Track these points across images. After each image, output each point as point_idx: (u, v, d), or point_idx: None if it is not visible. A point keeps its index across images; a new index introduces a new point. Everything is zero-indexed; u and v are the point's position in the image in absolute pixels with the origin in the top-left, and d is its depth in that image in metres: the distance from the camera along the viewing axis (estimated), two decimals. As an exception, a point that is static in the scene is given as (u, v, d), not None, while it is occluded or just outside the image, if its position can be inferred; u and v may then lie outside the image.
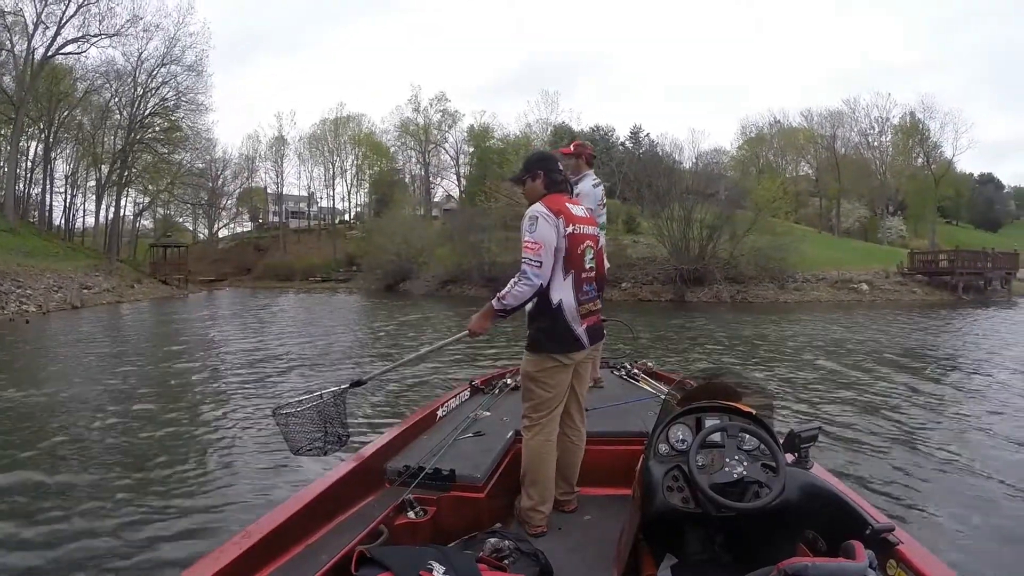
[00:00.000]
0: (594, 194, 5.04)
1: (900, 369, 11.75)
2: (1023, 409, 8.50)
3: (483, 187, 46.23)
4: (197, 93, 48.16)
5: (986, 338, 17.18)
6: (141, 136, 47.31)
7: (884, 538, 1.93)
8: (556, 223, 3.01)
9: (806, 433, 2.23)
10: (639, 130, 60.74)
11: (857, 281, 36.17)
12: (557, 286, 3.05)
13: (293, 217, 75.59)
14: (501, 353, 12.51)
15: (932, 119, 63.00)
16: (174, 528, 4.62)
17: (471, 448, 3.43)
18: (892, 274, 37.83)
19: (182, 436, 7.18)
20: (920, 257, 40.56)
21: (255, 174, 73.11)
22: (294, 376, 10.90)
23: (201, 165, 56.77)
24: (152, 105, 47.30)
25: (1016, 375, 11.13)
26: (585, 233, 3.17)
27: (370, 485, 2.96)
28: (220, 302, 35.63)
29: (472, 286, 40.16)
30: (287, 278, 59.21)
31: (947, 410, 8.49)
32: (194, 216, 68.89)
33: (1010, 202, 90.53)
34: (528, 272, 2.96)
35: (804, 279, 35.91)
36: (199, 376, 10.94)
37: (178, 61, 46.43)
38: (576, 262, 3.10)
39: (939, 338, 17.09)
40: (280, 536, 2.22)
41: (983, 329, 19.83)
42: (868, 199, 65.82)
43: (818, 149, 67.92)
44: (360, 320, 24.45)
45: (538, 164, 3.24)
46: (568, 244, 3.05)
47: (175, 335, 18.20)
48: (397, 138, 71.15)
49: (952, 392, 9.72)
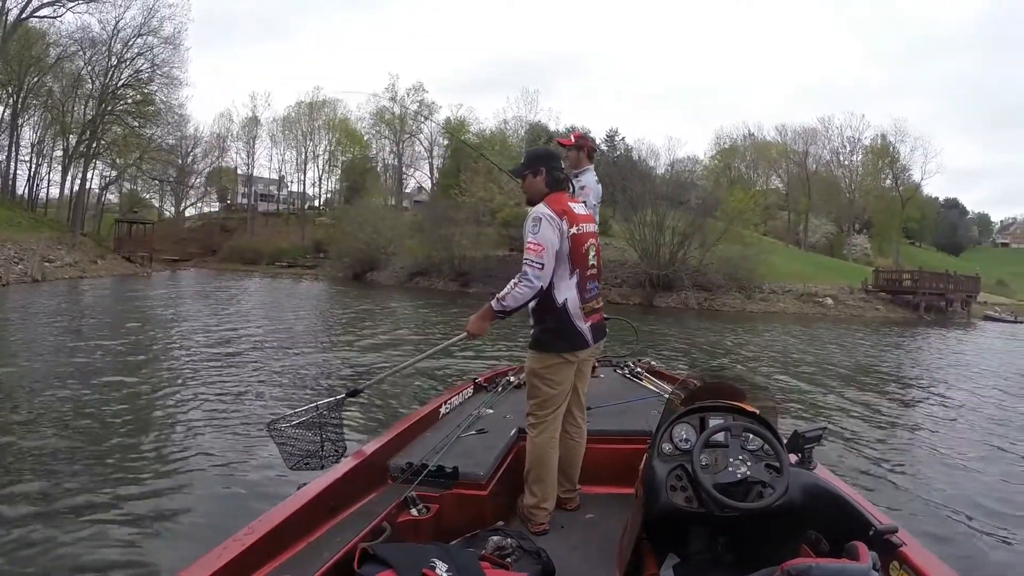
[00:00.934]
0: (597, 190, 4.96)
1: (888, 382, 12.08)
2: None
3: (458, 181, 45.91)
4: (172, 67, 46.88)
5: (957, 356, 17.84)
6: (112, 107, 45.89)
7: (887, 539, 1.92)
8: (559, 225, 3.00)
9: (810, 434, 2.25)
10: (615, 133, 60.72)
11: (822, 295, 36.72)
12: (562, 285, 3.05)
13: (262, 200, 74.62)
14: (503, 351, 12.42)
15: (903, 142, 65.25)
16: (119, 516, 4.47)
17: (474, 446, 3.40)
18: (856, 290, 38.53)
19: (133, 419, 6.97)
20: (884, 275, 41.43)
21: (226, 153, 71.94)
22: (251, 362, 10.67)
23: (172, 141, 55.62)
24: (126, 76, 45.97)
25: (993, 391, 11.61)
26: (588, 232, 3.17)
27: (373, 482, 2.94)
28: (184, 283, 34.86)
29: (441, 279, 39.99)
30: (253, 261, 58.36)
31: (940, 421, 8.85)
32: (161, 193, 67.46)
33: (973, 228, 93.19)
34: (529, 274, 2.95)
35: (771, 290, 36.34)
36: (157, 357, 10.71)
37: (155, 32, 45.06)
38: (580, 261, 3.10)
39: (908, 354, 17.75)
40: (283, 533, 2.20)
41: (951, 348, 20.55)
42: (835, 216, 67.21)
43: (790, 164, 69.09)
44: (325, 308, 24.14)
45: (541, 160, 3.20)
46: (572, 244, 3.04)
47: (137, 314, 17.75)
48: (372, 126, 70.71)
49: (930, 408, 10.04)
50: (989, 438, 8.04)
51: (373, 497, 2.81)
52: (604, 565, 2.69)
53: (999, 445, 7.67)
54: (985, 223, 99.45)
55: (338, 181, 73.53)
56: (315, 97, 70.20)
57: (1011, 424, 8.99)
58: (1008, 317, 40.22)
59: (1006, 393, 11.62)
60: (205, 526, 4.31)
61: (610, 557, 2.70)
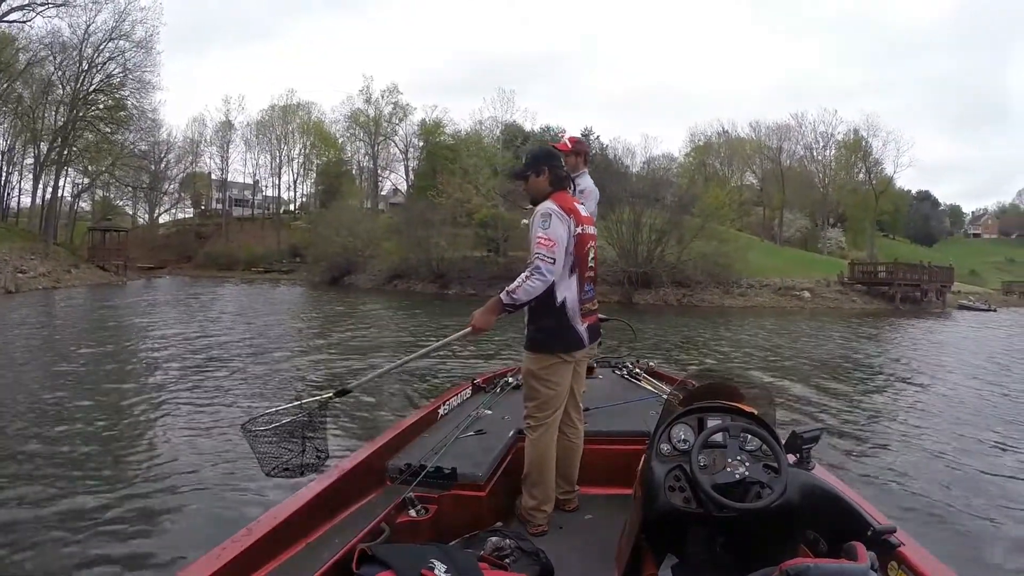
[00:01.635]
0: (595, 192, 4.97)
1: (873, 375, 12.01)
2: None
3: (435, 182, 45.79)
4: (145, 71, 46.09)
5: (937, 346, 18.14)
6: (84, 113, 45.10)
7: (886, 539, 1.91)
8: (568, 222, 3.00)
9: (808, 434, 2.24)
10: (590, 132, 60.81)
11: (799, 289, 37.21)
12: (562, 284, 3.03)
13: (237, 205, 73.93)
14: (502, 351, 12.39)
15: (875, 137, 65.94)
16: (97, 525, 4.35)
17: (472, 447, 3.40)
18: (833, 283, 39.11)
19: (110, 427, 6.85)
20: (860, 268, 42.18)
21: (199, 158, 70.92)
22: (229, 369, 10.51)
23: (144, 147, 54.67)
24: (97, 81, 45.16)
25: (975, 380, 11.75)
26: (589, 233, 3.18)
27: (371, 483, 2.93)
28: (160, 291, 34.28)
29: (419, 281, 39.88)
30: (229, 267, 57.95)
31: (934, 415, 8.80)
32: (134, 200, 66.04)
33: (945, 219, 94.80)
34: (542, 268, 2.90)
35: (748, 285, 36.72)
36: (134, 367, 10.53)
37: (127, 36, 44.27)
38: (582, 261, 3.09)
39: (888, 345, 17.96)
40: (281, 533, 2.20)
41: (931, 338, 20.82)
42: (810, 210, 67.89)
43: (764, 160, 69.61)
44: (303, 313, 23.93)
45: (544, 160, 3.20)
46: (576, 244, 3.04)
47: (114, 324, 17.39)
48: (346, 129, 69.97)
49: (914, 399, 10.11)
50: (974, 430, 8.03)
51: (372, 498, 2.80)
52: (603, 566, 2.70)
53: (984, 437, 7.67)
54: (957, 215, 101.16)
55: (313, 184, 73.08)
56: (289, 100, 69.91)
57: (993, 414, 9.05)
58: (982, 306, 41.01)
59: (986, 381, 11.74)
60: (183, 532, 4.24)
61: (609, 558, 2.72)
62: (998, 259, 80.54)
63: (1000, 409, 9.38)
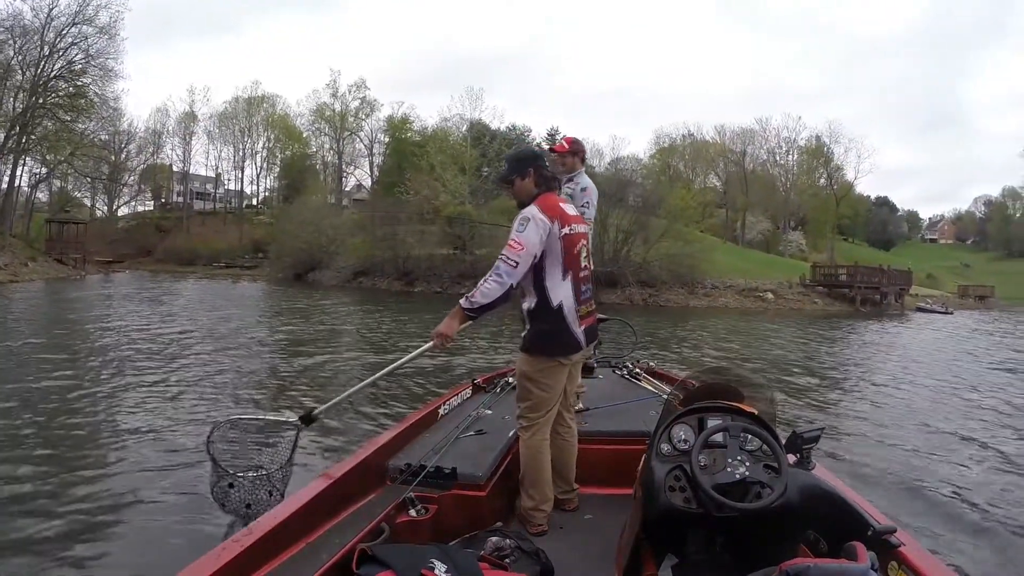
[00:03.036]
0: (595, 190, 4.96)
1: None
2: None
3: (401, 179, 45.51)
4: (108, 57, 44.44)
5: (904, 348, 18.51)
6: (44, 100, 43.51)
7: (886, 539, 1.93)
8: (549, 227, 2.95)
9: (808, 434, 2.26)
10: (556, 131, 60.85)
11: (763, 290, 37.79)
12: (557, 287, 3.01)
13: (198, 198, 72.71)
14: (500, 351, 12.29)
15: (837, 143, 67.60)
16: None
17: (472, 447, 3.42)
18: (795, 285, 39.79)
19: (65, 427, 6.59)
20: (822, 270, 43.05)
21: (161, 150, 69.28)
22: (190, 370, 10.22)
23: (105, 136, 53.20)
24: (58, 68, 43.48)
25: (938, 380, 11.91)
26: (579, 232, 3.14)
27: (372, 483, 2.94)
28: (119, 286, 32.89)
29: (385, 279, 39.50)
30: (189, 262, 56.87)
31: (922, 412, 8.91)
32: (93, 191, 64.30)
33: (903, 224, 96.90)
34: (501, 268, 2.88)
35: (713, 286, 37.17)
36: (94, 366, 9.95)
37: (90, 21, 42.70)
38: (574, 262, 3.06)
39: (855, 346, 18.23)
40: (282, 533, 2.20)
41: (901, 340, 21.24)
42: (771, 213, 69.13)
43: (728, 163, 70.60)
44: (265, 310, 23.53)
45: (528, 161, 3.15)
46: (565, 245, 3.00)
47: (73, 321, 16.84)
48: (312, 123, 69.22)
49: (885, 398, 10.14)
50: (952, 426, 8.15)
51: (372, 498, 2.81)
52: (603, 565, 2.71)
53: (965, 434, 7.74)
54: (914, 220, 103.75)
55: (276, 179, 72.12)
56: (254, 92, 68.79)
57: (962, 412, 9.21)
58: (939, 308, 42.04)
59: (942, 381, 11.96)
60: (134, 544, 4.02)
61: (609, 557, 2.72)
62: (954, 263, 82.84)
63: (972, 407, 9.54)
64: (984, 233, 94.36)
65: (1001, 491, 5.60)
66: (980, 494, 5.49)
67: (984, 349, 18.97)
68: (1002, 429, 8.10)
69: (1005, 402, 9.95)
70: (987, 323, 33.02)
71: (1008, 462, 6.61)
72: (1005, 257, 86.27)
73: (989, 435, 7.68)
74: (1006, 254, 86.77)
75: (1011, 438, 7.58)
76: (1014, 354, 17.28)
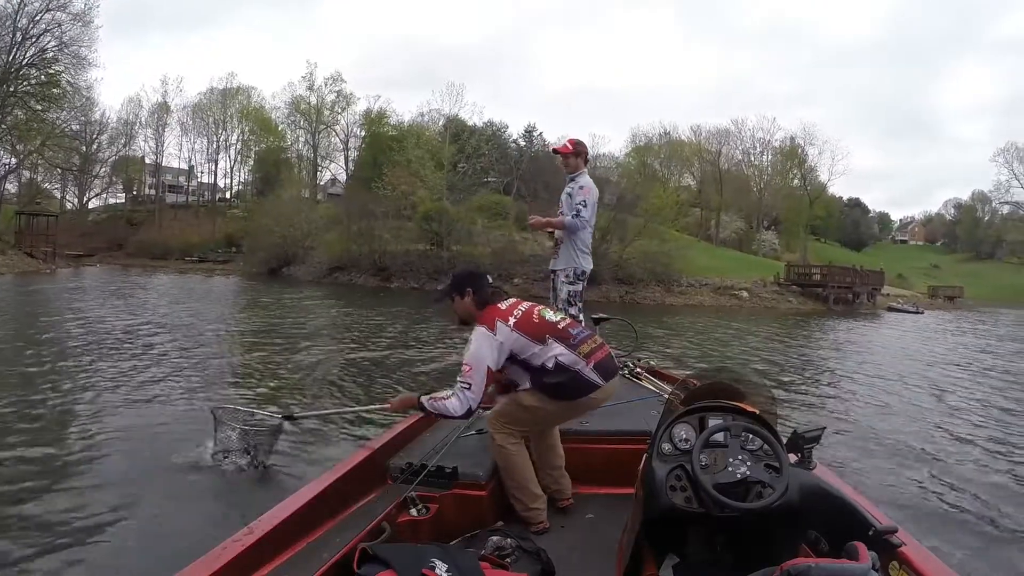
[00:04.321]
0: (594, 190, 5.07)
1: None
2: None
3: (378, 173, 45.14)
4: (81, 45, 43.26)
5: (883, 345, 19.18)
6: (15, 88, 42.30)
7: (887, 539, 1.91)
8: (496, 336, 2.96)
9: (810, 434, 2.26)
10: (533, 129, 60.79)
11: (738, 288, 38.23)
12: (545, 355, 3.00)
13: (170, 191, 71.51)
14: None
15: (812, 145, 68.40)
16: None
17: (473, 446, 3.42)
18: (769, 284, 40.32)
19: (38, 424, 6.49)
20: (796, 270, 43.73)
21: (133, 141, 67.78)
22: (166, 364, 10.07)
23: (76, 126, 51.91)
24: (31, 55, 42.26)
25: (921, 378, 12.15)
26: (526, 309, 3.13)
27: (373, 482, 2.97)
28: (90, 281, 32.15)
29: (361, 274, 39.29)
30: (162, 256, 55.99)
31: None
32: (63, 183, 63.32)
33: (874, 225, 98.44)
34: (459, 395, 2.90)
35: (689, 284, 37.56)
36: (68, 364, 9.74)
37: (65, 8, 41.58)
38: (542, 330, 3.04)
39: (832, 345, 18.42)
40: (283, 532, 2.22)
41: (877, 339, 21.84)
42: (745, 213, 69.74)
43: (703, 163, 71.13)
44: (237, 306, 23.20)
45: (466, 281, 3.18)
46: (523, 328, 3.01)
47: (46, 316, 16.39)
48: (287, 116, 68.09)
49: (866, 395, 10.33)
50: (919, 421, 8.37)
51: (373, 497, 2.83)
52: (604, 565, 2.70)
53: (943, 428, 7.98)
54: (885, 221, 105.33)
55: (250, 172, 71.04)
56: (229, 83, 67.73)
57: (940, 408, 9.44)
58: (911, 308, 42.72)
59: (917, 377, 12.23)
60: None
61: (610, 557, 2.71)
62: (924, 264, 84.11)
63: (949, 403, 9.81)
64: (954, 235, 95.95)
65: (987, 482, 5.71)
66: (960, 485, 5.61)
67: (954, 347, 19.59)
68: (977, 425, 8.32)
69: (976, 398, 10.29)
70: (956, 322, 33.87)
71: (988, 454, 6.77)
72: (974, 259, 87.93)
73: (965, 431, 7.91)
74: (975, 256, 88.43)
75: (981, 438, 7.68)
76: (980, 354, 17.71)
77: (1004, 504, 5.28)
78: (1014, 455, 6.90)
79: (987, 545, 4.46)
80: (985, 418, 8.80)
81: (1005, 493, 5.61)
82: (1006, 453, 6.99)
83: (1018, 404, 10.02)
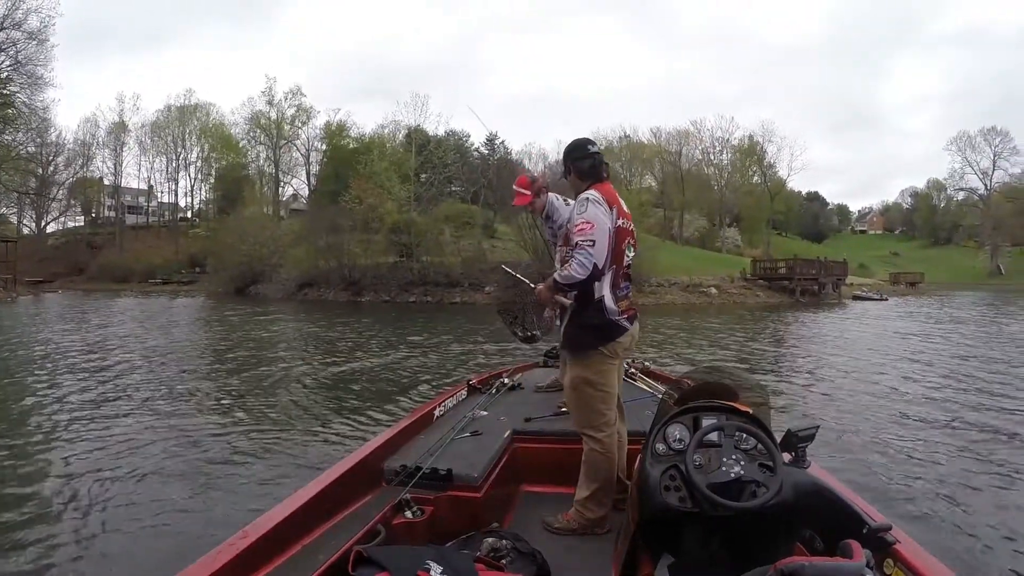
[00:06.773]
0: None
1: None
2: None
3: (343, 187, 44.74)
4: (37, 64, 42.17)
5: (854, 333, 19.40)
6: None
7: (881, 537, 1.92)
8: (609, 213, 2.93)
9: (803, 432, 2.24)
10: (495, 137, 60.78)
11: (706, 286, 38.73)
12: (600, 281, 2.96)
13: (130, 212, 70.34)
14: (494, 356, 12.29)
15: (770, 143, 69.41)
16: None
17: (468, 448, 3.38)
18: (736, 279, 41.02)
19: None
20: (761, 264, 44.67)
21: (91, 162, 66.95)
22: (140, 391, 10.03)
23: (32, 148, 50.69)
24: None
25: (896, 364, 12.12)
26: (629, 229, 3.09)
27: (367, 485, 2.91)
28: (53, 308, 31.00)
29: (332, 289, 38.98)
30: (124, 279, 55.23)
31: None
32: (20, 207, 62.06)
33: (833, 217, 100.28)
34: (578, 254, 2.85)
35: (658, 283, 37.74)
36: (38, 399, 9.74)
37: (19, 26, 40.43)
38: (618, 257, 3.01)
39: (803, 336, 18.53)
40: (277, 536, 2.19)
41: (846, 327, 22.07)
42: (707, 211, 70.61)
43: (664, 164, 71.86)
44: (208, 328, 22.91)
45: (565, 158, 3.18)
46: (616, 238, 2.96)
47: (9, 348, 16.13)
48: (247, 131, 67.24)
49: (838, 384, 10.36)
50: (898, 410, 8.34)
51: (367, 500, 2.79)
52: (599, 566, 2.71)
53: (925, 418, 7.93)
54: (844, 213, 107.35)
55: (211, 190, 70.12)
56: (187, 100, 66.93)
57: (916, 391, 9.55)
58: (875, 296, 43.99)
59: (889, 360, 12.49)
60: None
61: (605, 558, 2.72)
62: (883, 253, 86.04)
63: (924, 385, 10.02)
64: (911, 223, 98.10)
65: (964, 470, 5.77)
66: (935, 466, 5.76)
67: (921, 330, 20.25)
68: (945, 403, 8.60)
69: (949, 377, 10.61)
70: (919, 307, 34.56)
71: (956, 434, 6.92)
72: (932, 245, 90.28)
73: (940, 415, 7.97)
74: (933, 242, 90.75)
75: (947, 419, 7.79)
76: (943, 336, 18.12)
77: (985, 487, 5.38)
78: (992, 438, 6.92)
79: (978, 538, 4.47)
80: (959, 401, 8.87)
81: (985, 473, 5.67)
82: (985, 438, 6.98)
83: (985, 382, 10.30)
